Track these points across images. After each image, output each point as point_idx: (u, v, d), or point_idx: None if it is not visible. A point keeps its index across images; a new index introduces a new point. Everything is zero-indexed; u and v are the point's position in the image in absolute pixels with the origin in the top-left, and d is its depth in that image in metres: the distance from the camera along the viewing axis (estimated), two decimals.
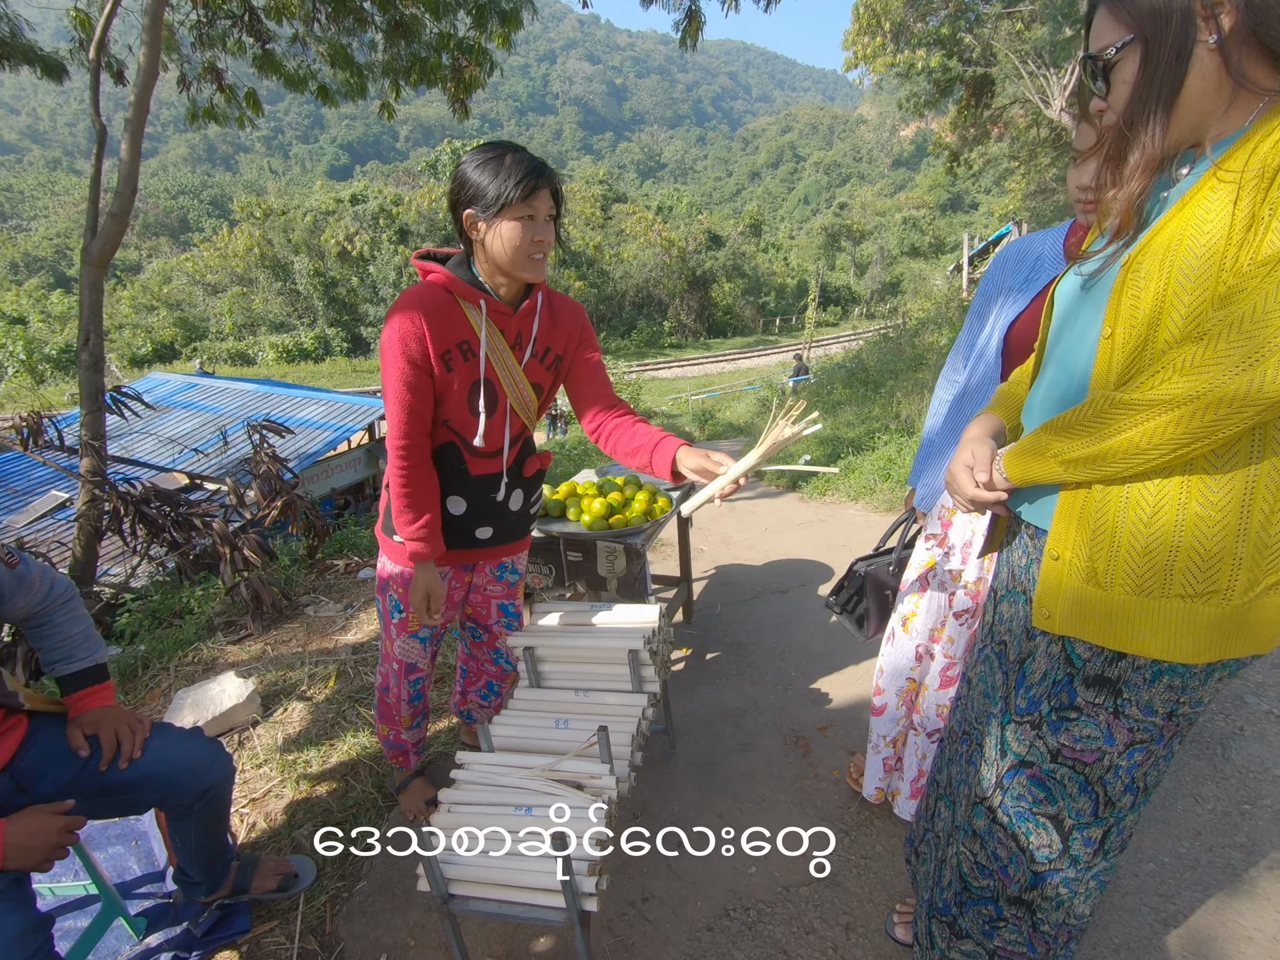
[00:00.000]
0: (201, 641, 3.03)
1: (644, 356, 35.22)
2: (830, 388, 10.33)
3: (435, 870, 1.29)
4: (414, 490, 1.52)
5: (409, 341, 1.41)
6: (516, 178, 1.35)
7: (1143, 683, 0.95)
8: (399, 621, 1.74)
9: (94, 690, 1.48)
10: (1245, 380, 0.76)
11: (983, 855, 1.17)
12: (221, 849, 1.66)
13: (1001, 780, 1.13)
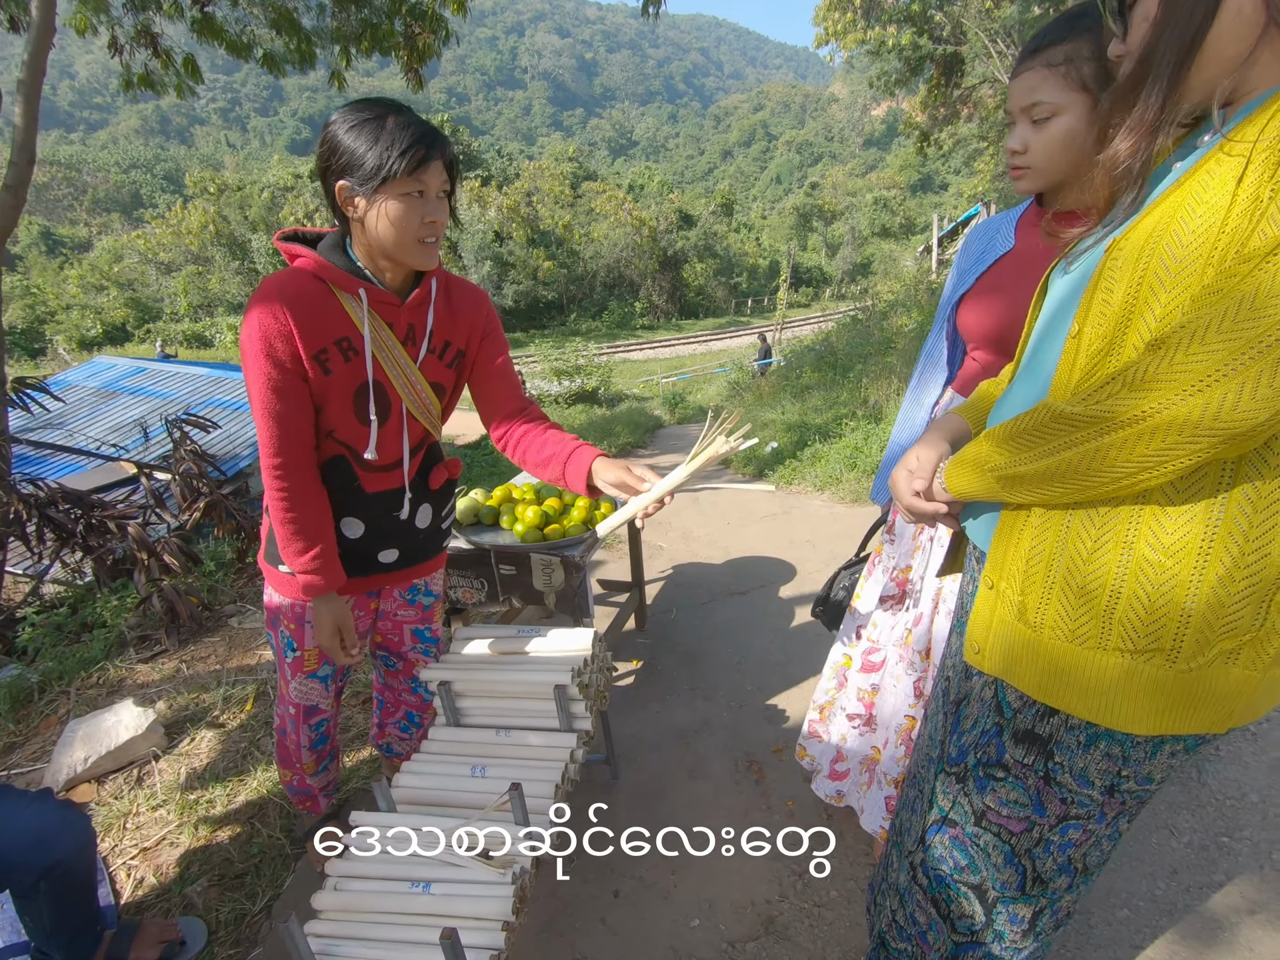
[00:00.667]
0: (109, 660, 2.77)
1: (615, 338, 34.83)
2: (799, 371, 10.18)
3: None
4: (299, 515, 1.29)
5: (272, 341, 1.18)
6: (401, 146, 1.11)
7: (1076, 746, 0.81)
8: (293, 661, 1.52)
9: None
10: (1199, 403, 0.61)
11: (901, 915, 1.04)
12: (87, 921, 1.45)
13: (924, 836, 0.99)
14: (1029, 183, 1.21)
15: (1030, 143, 1.15)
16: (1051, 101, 1.10)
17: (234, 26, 6.50)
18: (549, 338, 33.69)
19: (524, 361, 23.28)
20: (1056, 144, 1.13)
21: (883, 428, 5.54)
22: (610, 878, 1.69)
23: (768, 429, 7.46)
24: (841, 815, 1.82)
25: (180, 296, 34.84)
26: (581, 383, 19.44)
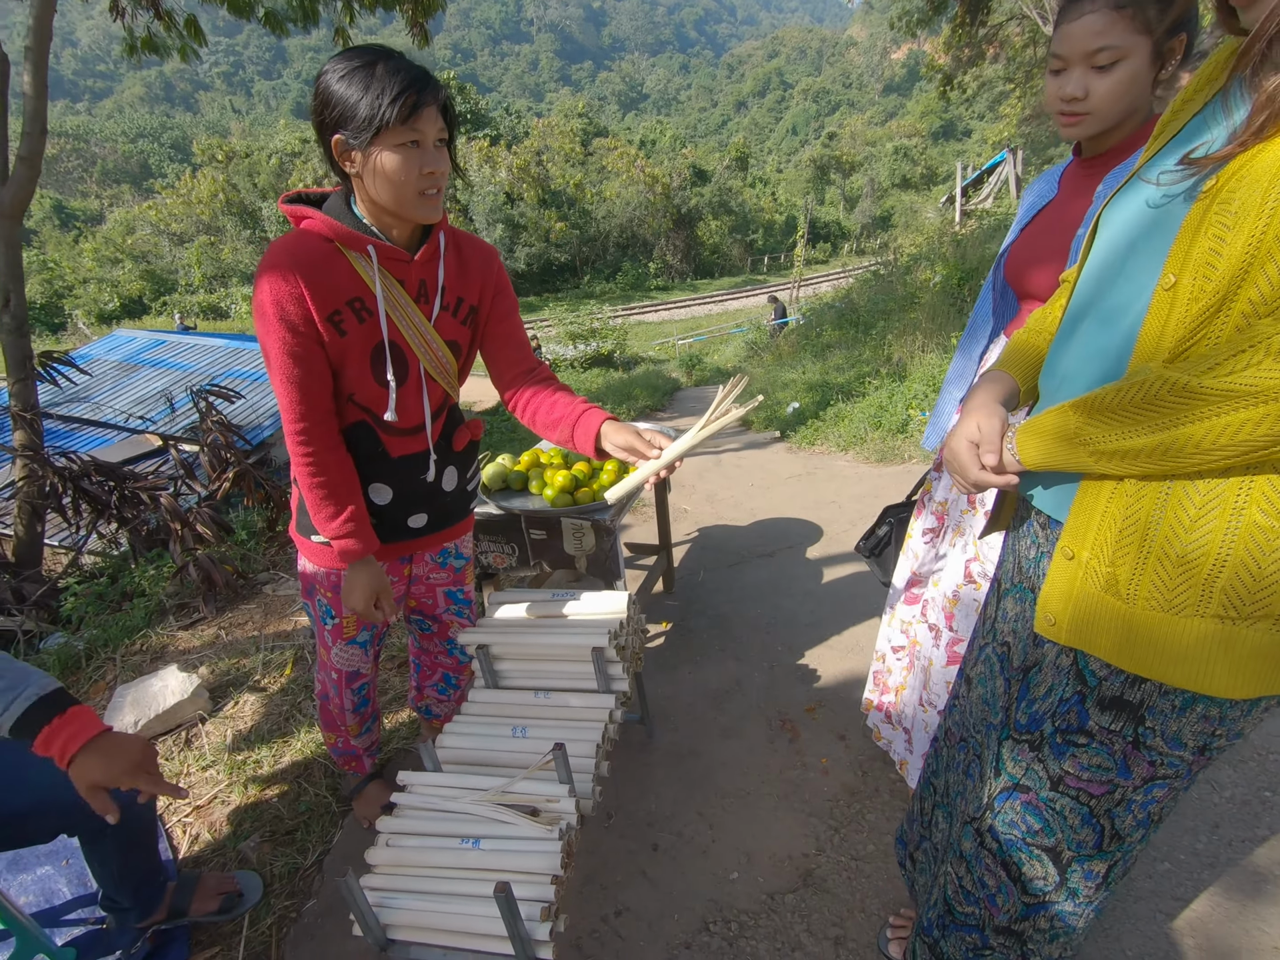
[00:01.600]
0: (151, 628, 2.84)
1: (629, 300, 34.38)
2: (819, 329, 10.00)
3: (369, 918, 1.13)
4: (328, 480, 1.28)
5: (285, 304, 1.16)
6: (393, 93, 1.07)
7: (1171, 711, 0.79)
8: (333, 628, 1.54)
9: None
10: None
11: (969, 880, 1.03)
12: (151, 870, 1.51)
13: (993, 802, 0.98)
14: (1084, 128, 1.16)
15: (1092, 88, 1.10)
16: (1119, 45, 1.04)
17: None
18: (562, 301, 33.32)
19: (538, 325, 23.11)
20: (1121, 88, 1.08)
21: (908, 385, 5.44)
22: (649, 833, 1.73)
23: (788, 389, 7.37)
24: (878, 770, 1.84)
25: (194, 268, 34.82)
26: (597, 346, 19.28)
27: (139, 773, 1.09)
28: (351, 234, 1.19)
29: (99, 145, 67.97)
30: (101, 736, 1.09)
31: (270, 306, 1.16)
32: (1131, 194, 0.81)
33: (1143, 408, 0.69)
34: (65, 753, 1.06)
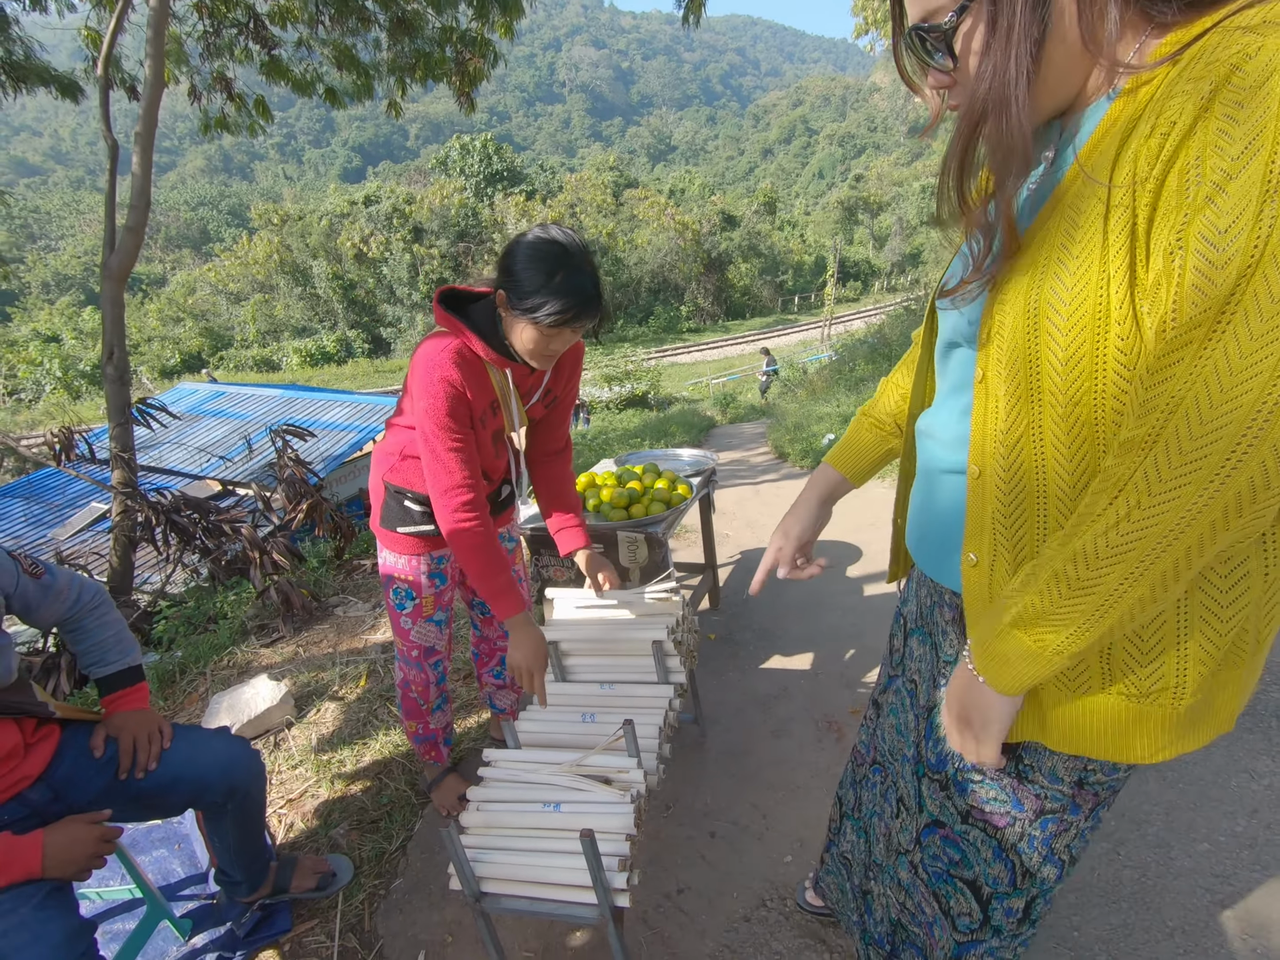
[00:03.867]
0: (235, 645, 3.08)
1: (662, 342, 35.05)
2: (852, 364, 10.15)
3: (466, 869, 1.28)
4: (488, 539, 1.53)
5: (457, 405, 1.45)
6: (552, 308, 1.33)
7: (1041, 748, 0.84)
8: (412, 609, 1.77)
9: (127, 693, 1.51)
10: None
11: (910, 905, 1.10)
12: (259, 849, 1.68)
13: (919, 836, 1.05)
14: None
15: None
16: None
17: (298, 66, 7.00)
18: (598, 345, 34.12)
19: None
20: None
21: None
22: (705, 822, 1.85)
23: (823, 422, 7.50)
24: None
25: (249, 324, 36.78)
26: (631, 388, 19.68)
27: (141, 735, 1.45)
28: (498, 359, 1.48)
29: (164, 214, 72.76)
30: (139, 710, 1.50)
31: (445, 401, 1.43)
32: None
33: (1079, 590, 0.65)
34: (116, 709, 1.47)
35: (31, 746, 1.36)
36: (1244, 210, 0.52)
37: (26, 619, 1.44)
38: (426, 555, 1.73)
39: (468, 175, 48.36)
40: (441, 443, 1.45)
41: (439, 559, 1.76)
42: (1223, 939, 1.36)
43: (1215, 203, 0.53)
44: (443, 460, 1.47)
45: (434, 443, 1.46)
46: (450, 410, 1.43)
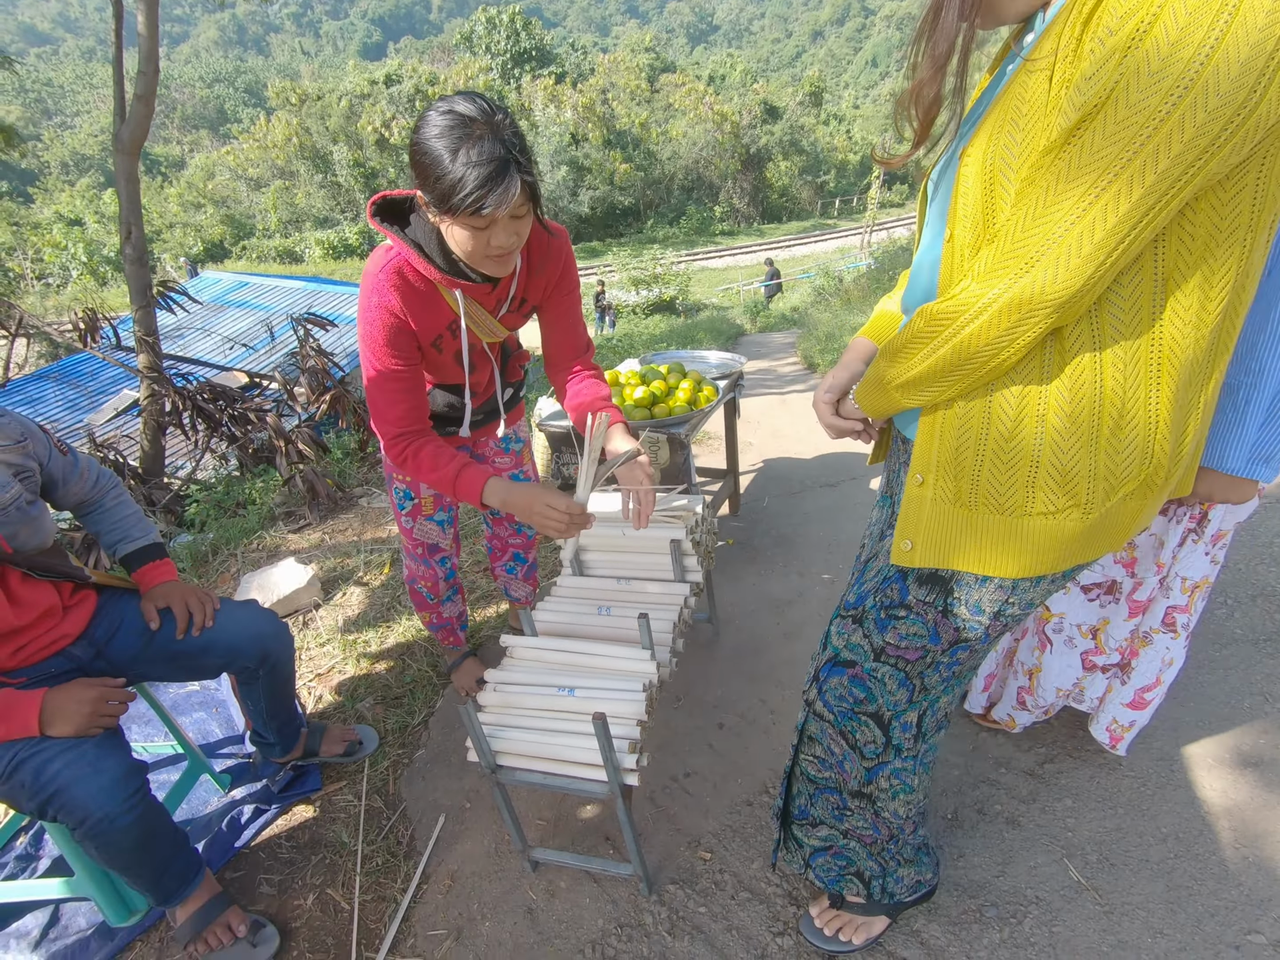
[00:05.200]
0: (264, 530, 3.16)
1: (693, 245, 33.69)
2: (892, 273, 9.68)
3: (483, 743, 1.34)
4: (435, 461, 1.42)
5: (396, 335, 1.34)
6: (466, 189, 1.09)
7: (973, 583, 0.91)
8: (411, 509, 1.78)
9: (157, 565, 1.56)
10: (1027, 284, 0.70)
11: (820, 751, 1.17)
12: (291, 714, 1.78)
13: (819, 674, 1.11)
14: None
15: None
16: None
17: None
18: (625, 246, 32.95)
19: (601, 271, 23.00)
20: None
21: None
22: (714, 714, 1.91)
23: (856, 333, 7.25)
24: None
25: (271, 212, 35.86)
26: (659, 292, 19.14)
27: (192, 599, 1.52)
28: (443, 278, 1.32)
29: (178, 90, 69.79)
30: (174, 581, 1.55)
31: (381, 333, 1.33)
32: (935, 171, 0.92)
33: (914, 341, 0.82)
34: (152, 582, 1.52)
35: (70, 608, 1.42)
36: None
37: (52, 496, 1.47)
38: None
39: (494, 54, 45.33)
40: (378, 373, 1.35)
41: None
42: (1215, 846, 1.39)
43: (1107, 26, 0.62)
44: (378, 390, 1.37)
45: (369, 371, 1.37)
46: (388, 340, 1.32)
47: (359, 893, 1.55)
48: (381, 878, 1.57)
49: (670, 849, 1.56)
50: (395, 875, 1.58)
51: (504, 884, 1.53)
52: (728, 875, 1.48)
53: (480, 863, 1.58)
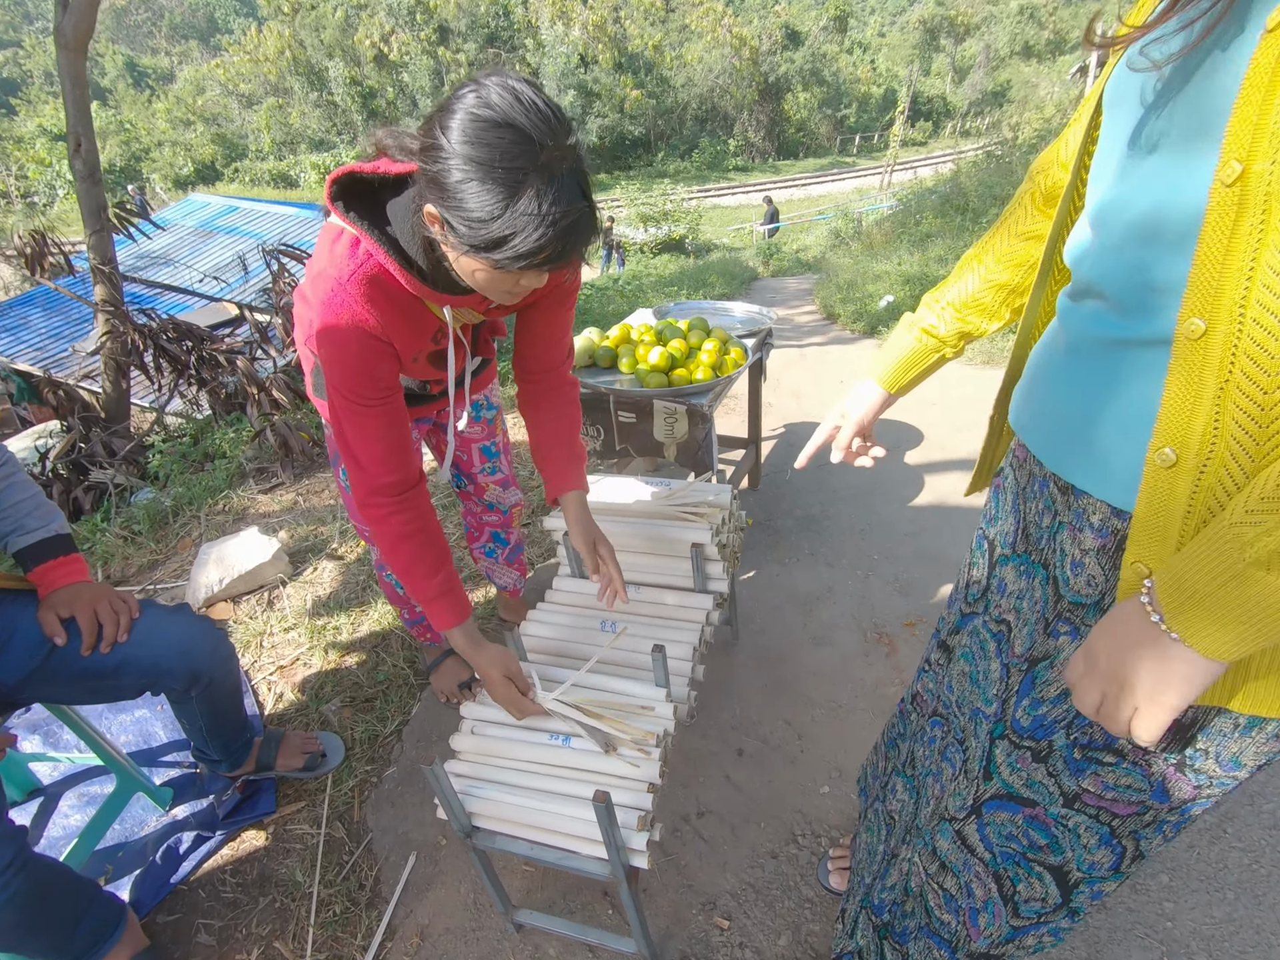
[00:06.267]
0: (232, 489, 2.86)
1: (705, 181, 32.26)
2: (918, 216, 9.09)
3: (454, 806, 1.07)
4: (415, 560, 1.14)
5: (373, 362, 1.02)
6: (524, 247, 0.80)
7: (1233, 730, 0.60)
8: None
9: (62, 563, 1.26)
10: None
11: (952, 884, 0.87)
12: (237, 729, 1.52)
13: (980, 806, 0.80)
14: None
15: None
16: None
17: None
18: (634, 179, 31.60)
19: (610, 206, 22.02)
20: None
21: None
22: (733, 737, 1.65)
23: (880, 281, 6.78)
24: None
25: (264, 132, 34.22)
26: (669, 230, 18.37)
27: (104, 606, 1.22)
28: (433, 295, 1.02)
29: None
30: (83, 583, 1.24)
31: (353, 361, 1.01)
32: (1121, 67, 0.58)
33: None
34: (54, 584, 1.21)
35: None
36: None
37: None
38: None
39: None
40: (349, 407, 1.04)
41: None
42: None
43: None
44: (351, 429, 1.05)
45: (336, 405, 1.04)
46: (362, 368, 1.01)
47: (311, 950, 1.31)
48: (339, 930, 1.34)
49: (680, 911, 1.31)
50: (355, 928, 1.34)
51: (482, 947, 1.29)
52: (749, 952, 1.24)
53: (455, 916, 1.34)
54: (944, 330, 0.91)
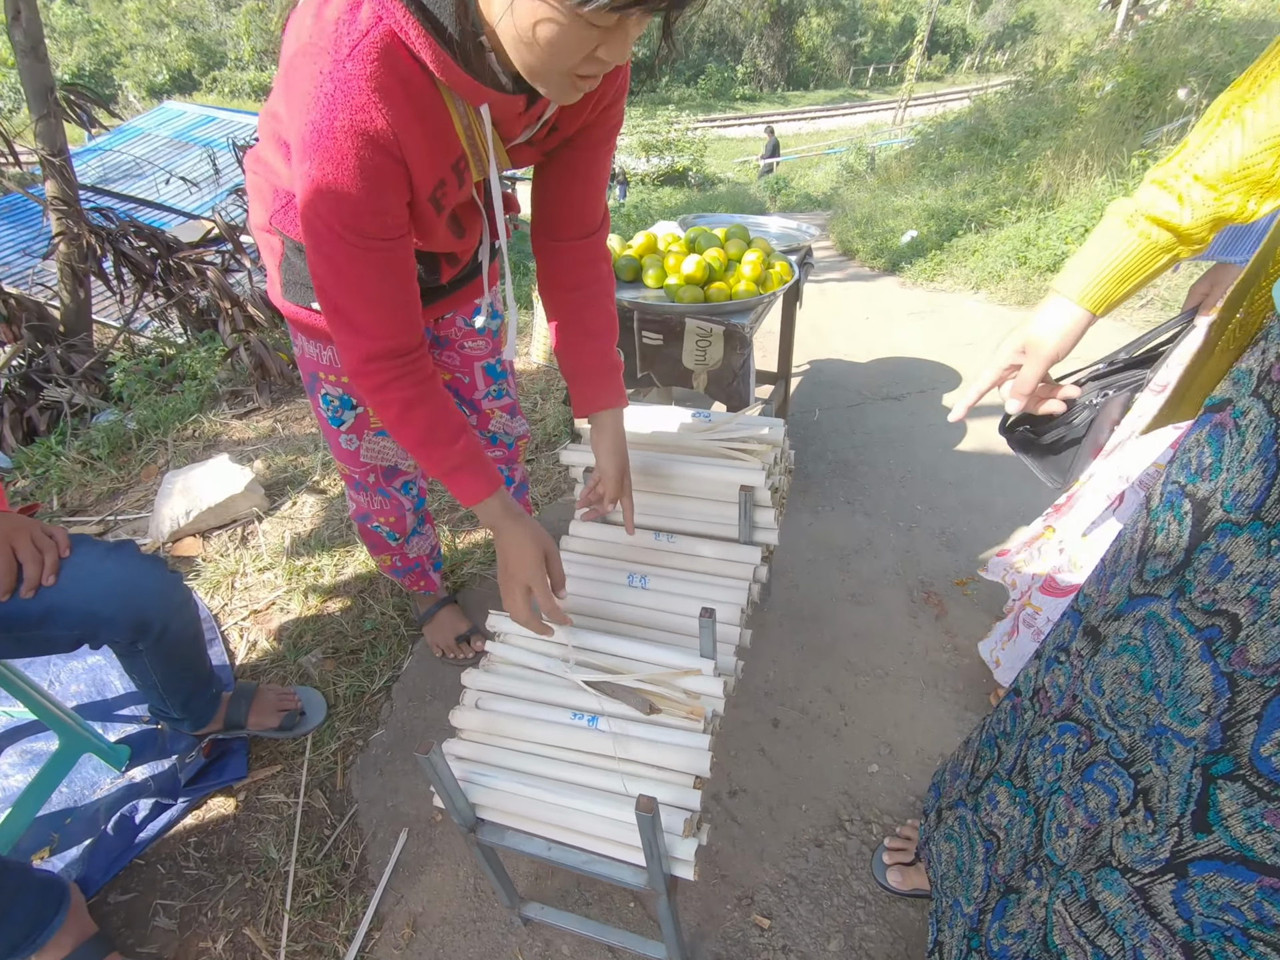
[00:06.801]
0: (203, 413, 2.59)
1: (711, 110, 30.78)
2: (941, 150, 8.58)
3: (455, 799, 0.87)
4: (431, 427, 0.91)
5: (377, 192, 0.74)
6: None
7: None
8: (352, 424, 1.22)
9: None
10: None
11: (1111, 945, 0.67)
12: (200, 683, 1.31)
13: (1184, 866, 0.60)
14: None
15: None
16: None
17: None
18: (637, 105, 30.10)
19: None
20: None
21: (1062, 215, 4.53)
22: (767, 705, 1.46)
23: (901, 216, 6.39)
24: None
25: (243, 39, 32.09)
26: (672, 160, 17.57)
27: (23, 543, 1.00)
28: (472, 85, 0.73)
29: None
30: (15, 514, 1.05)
31: (351, 173, 0.71)
32: None
33: None
34: None
35: None
36: None
37: None
38: None
39: None
40: (341, 243, 0.76)
41: None
42: None
43: None
44: (348, 272, 0.79)
45: (324, 236, 0.76)
46: (362, 196, 0.73)
47: (287, 939, 1.13)
48: (319, 917, 1.16)
49: (713, 906, 1.14)
50: (338, 914, 1.16)
51: (484, 942, 1.12)
52: (794, 957, 1.07)
53: (452, 904, 1.17)
54: (1188, 219, 0.63)
